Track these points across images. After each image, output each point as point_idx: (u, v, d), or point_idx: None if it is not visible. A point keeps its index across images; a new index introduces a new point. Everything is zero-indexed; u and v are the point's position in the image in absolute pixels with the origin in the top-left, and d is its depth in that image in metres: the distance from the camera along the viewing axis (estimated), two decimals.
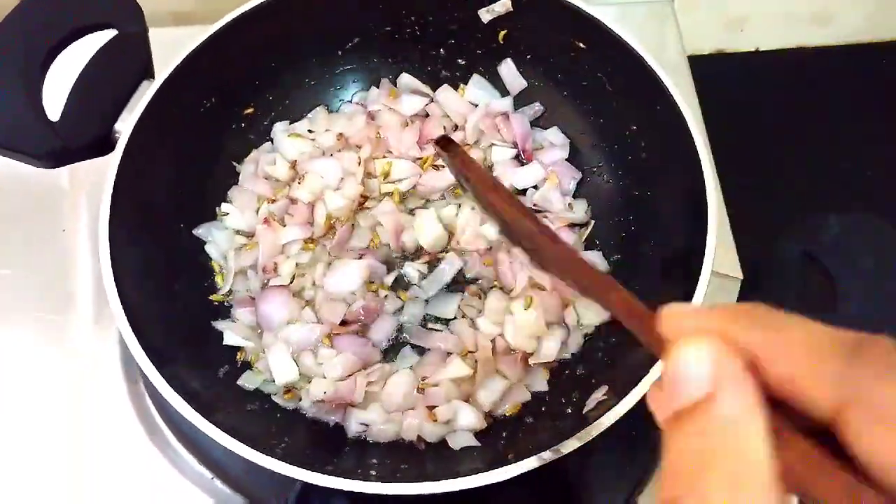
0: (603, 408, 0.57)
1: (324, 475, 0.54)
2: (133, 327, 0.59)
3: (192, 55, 0.71)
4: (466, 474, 0.54)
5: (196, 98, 0.75)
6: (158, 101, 0.68)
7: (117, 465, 0.74)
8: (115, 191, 0.64)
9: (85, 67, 0.69)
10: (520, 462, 0.54)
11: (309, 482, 0.54)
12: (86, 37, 0.70)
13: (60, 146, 0.66)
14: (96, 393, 0.77)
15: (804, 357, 0.28)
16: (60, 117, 0.67)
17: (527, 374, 0.71)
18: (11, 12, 0.69)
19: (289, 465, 0.55)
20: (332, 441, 0.68)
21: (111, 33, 0.71)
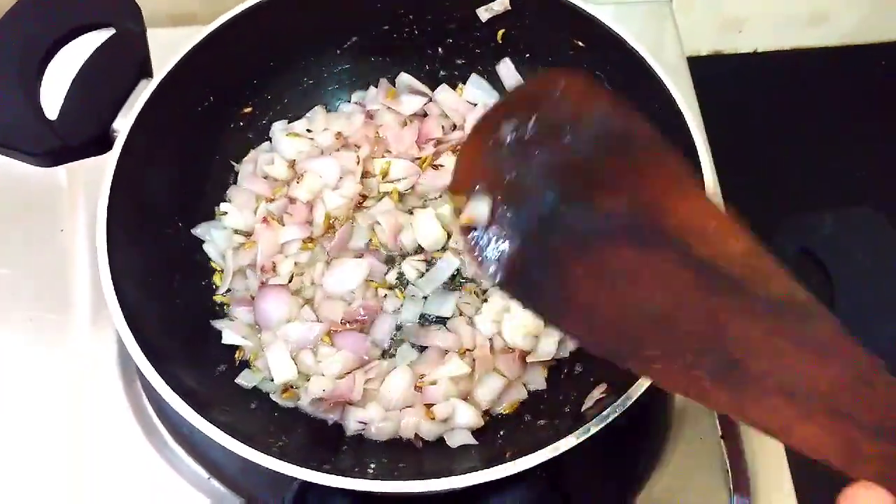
0: (601, 406, 0.57)
1: (322, 473, 0.54)
2: (130, 326, 0.59)
3: (190, 54, 0.71)
4: (464, 472, 0.54)
5: (194, 97, 0.75)
6: (156, 100, 0.68)
7: (114, 465, 0.74)
8: (113, 190, 0.64)
9: (83, 66, 0.69)
10: (517, 460, 0.54)
11: (307, 481, 0.54)
12: (84, 35, 0.70)
13: (58, 145, 0.66)
14: (93, 393, 0.77)
15: None
16: (58, 116, 0.67)
17: (525, 373, 0.71)
18: (9, 11, 0.69)
19: (286, 464, 0.55)
20: (330, 439, 0.68)
21: (109, 32, 0.70)
